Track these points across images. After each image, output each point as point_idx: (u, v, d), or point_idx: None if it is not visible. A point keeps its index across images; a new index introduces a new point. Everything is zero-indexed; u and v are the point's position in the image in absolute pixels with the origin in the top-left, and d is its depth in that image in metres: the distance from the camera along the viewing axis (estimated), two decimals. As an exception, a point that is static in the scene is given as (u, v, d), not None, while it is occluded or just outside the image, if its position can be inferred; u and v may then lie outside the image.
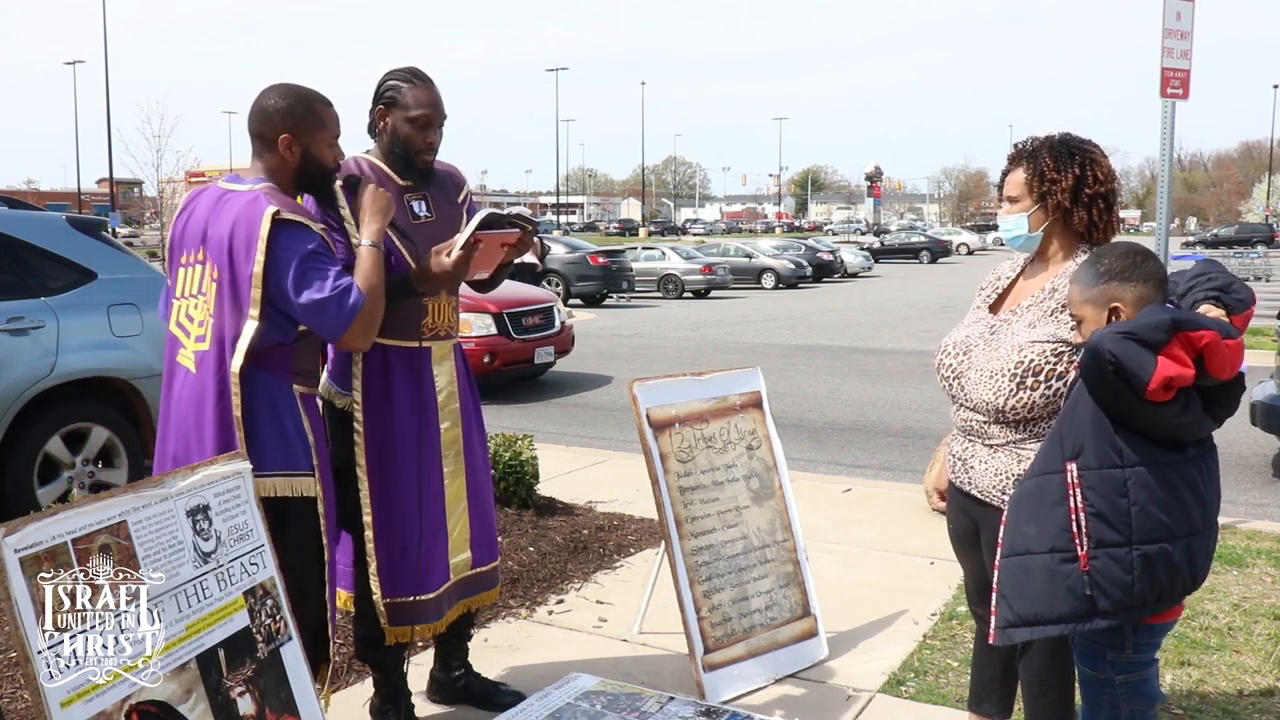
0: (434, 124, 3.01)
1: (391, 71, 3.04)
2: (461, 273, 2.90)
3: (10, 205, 6.14)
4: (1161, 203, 6.01)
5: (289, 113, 2.71)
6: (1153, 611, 2.21)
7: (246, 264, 2.58)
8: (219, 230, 2.64)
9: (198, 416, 2.64)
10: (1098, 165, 2.56)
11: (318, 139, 2.74)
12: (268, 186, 2.69)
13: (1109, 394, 2.12)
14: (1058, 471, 2.19)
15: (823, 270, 33.10)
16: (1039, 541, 2.20)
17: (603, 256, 23.78)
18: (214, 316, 2.64)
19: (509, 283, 12.30)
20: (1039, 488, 2.23)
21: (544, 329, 10.82)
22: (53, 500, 5.11)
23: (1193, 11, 5.79)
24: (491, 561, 3.31)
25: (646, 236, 63.40)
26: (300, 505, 2.69)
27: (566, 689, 3.40)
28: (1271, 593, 4.46)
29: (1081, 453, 2.16)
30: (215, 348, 2.63)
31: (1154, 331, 2.05)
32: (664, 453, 3.66)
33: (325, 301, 2.57)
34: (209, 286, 2.66)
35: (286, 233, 2.59)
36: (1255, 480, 7.09)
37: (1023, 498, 2.28)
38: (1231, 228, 57.28)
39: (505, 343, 10.31)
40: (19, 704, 3.31)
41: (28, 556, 1.88)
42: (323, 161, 2.77)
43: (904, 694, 3.54)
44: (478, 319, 10.13)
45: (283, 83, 2.79)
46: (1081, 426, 2.18)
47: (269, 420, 2.65)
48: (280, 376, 2.69)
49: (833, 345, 15.42)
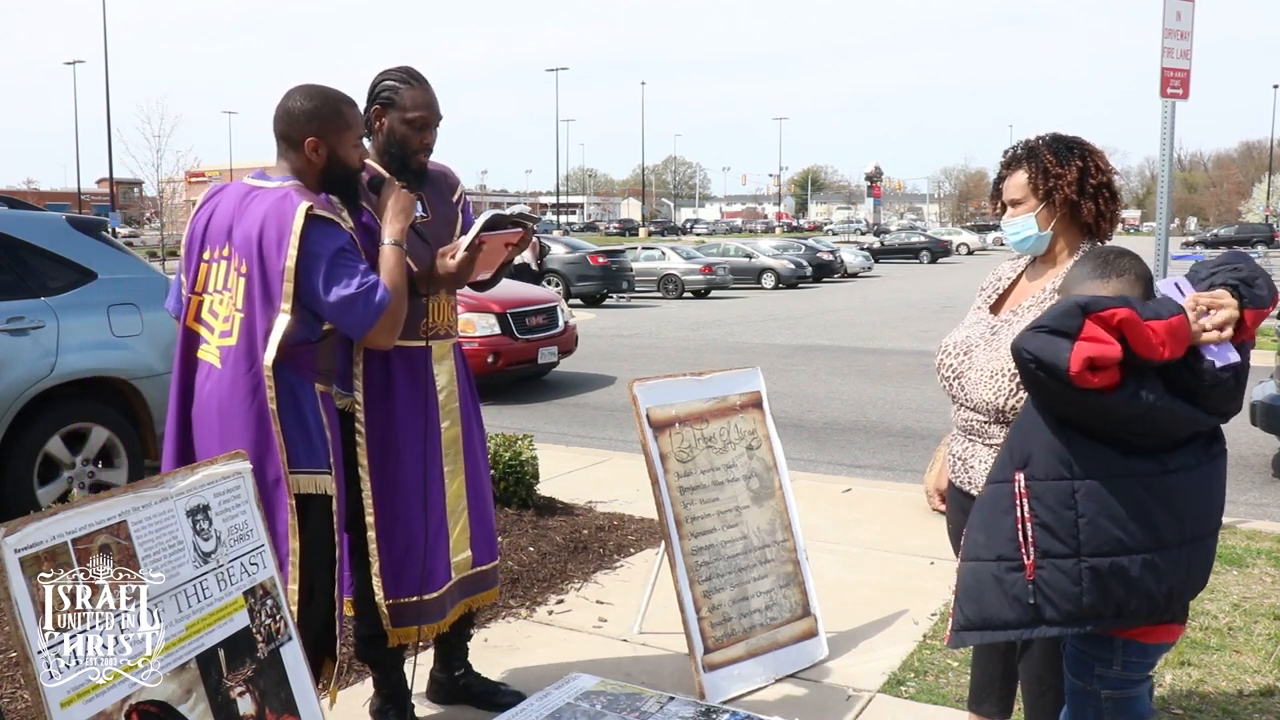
0: (430, 125, 3.03)
1: (386, 71, 3.04)
2: (466, 274, 2.93)
3: (10, 205, 6.14)
4: (1161, 203, 6.01)
5: (315, 115, 2.72)
6: (1124, 625, 2.17)
7: (278, 258, 2.60)
8: (247, 226, 2.65)
9: (230, 411, 2.65)
10: (1096, 156, 2.57)
11: (344, 140, 2.76)
12: (296, 184, 2.71)
13: (1044, 393, 2.09)
14: (1007, 480, 2.17)
15: (823, 270, 33.10)
16: (988, 549, 2.18)
17: (603, 256, 23.78)
18: (243, 311, 2.65)
19: (512, 283, 12.28)
20: (992, 495, 2.21)
21: (547, 329, 10.80)
22: (53, 500, 5.11)
23: (1193, 11, 5.79)
24: (491, 561, 3.32)
25: (646, 236, 63.39)
26: (319, 503, 2.72)
27: (566, 689, 3.40)
28: (1271, 593, 4.46)
29: (1029, 463, 2.13)
30: (244, 343, 2.65)
31: (1063, 319, 2.02)
32: (664, 453, 3.66)
33: (354, 298, 2.60)
34: (235, 282, 2.67)
35: (318, 229, 2.62)
36: (1255, 480, 7.09)
37: (980, 505, 2.27)
38: (1231, 228, 57.31)
39: (509, 343, 10.29)
40: (19, 704, 3.31)
41: (28, 556, 1.88)
42: (348, 162, 2.79)
43: (904, 694, 3.54)
44: (481, 319, 10.10)
45: (307, 84, 2.80)
46: (1029, 436, 2.15)
47: (294, 417, 2.68)
48: (304, 375, 2.72)
49: (833, 345, 15.42)
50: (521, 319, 10.48)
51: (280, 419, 2.65)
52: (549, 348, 10.75)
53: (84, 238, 5.61)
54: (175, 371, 2.78)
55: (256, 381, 2.63)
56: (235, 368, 2.65)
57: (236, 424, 2.64)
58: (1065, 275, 2.37)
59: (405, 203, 2.85)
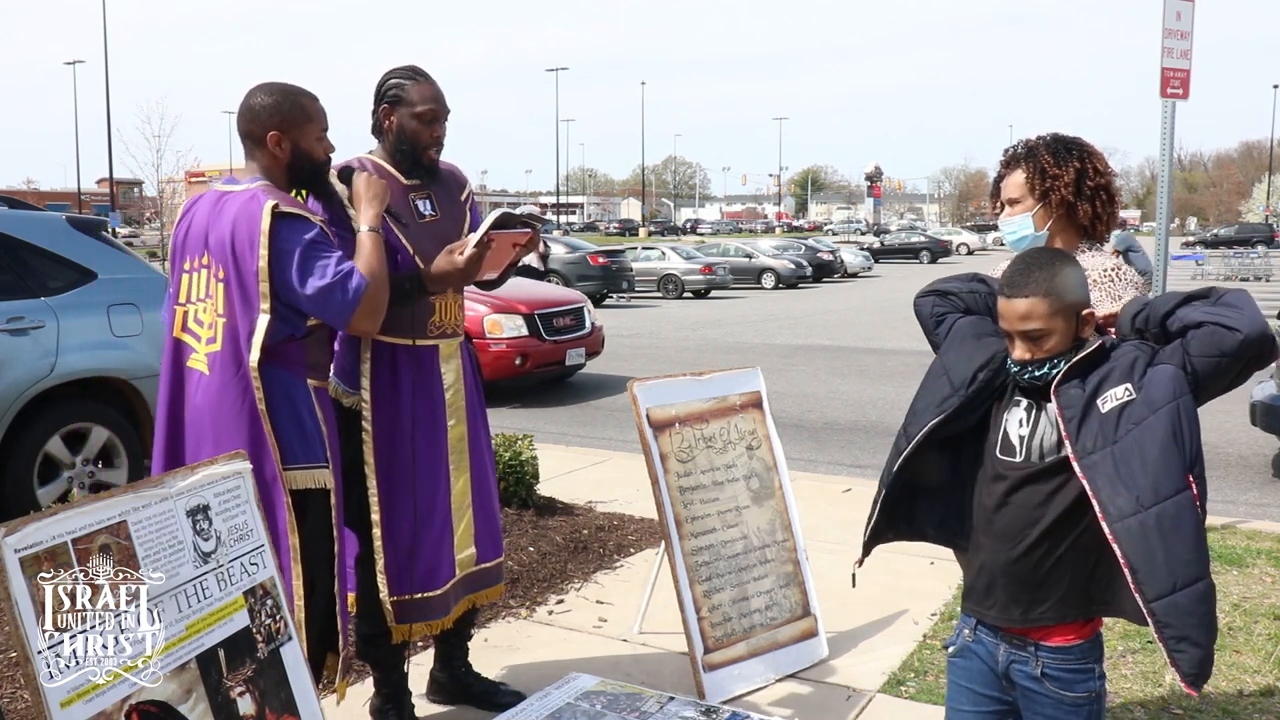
0: (440, 118, 3.04)
1: (391, 71, 3.06)
2: (474, 271, 2.93)
3: (10, 205, 6.14)
4: (1161, 203, 6.01)
5: (275, 109, 2.74)
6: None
7: (252, 260, 2.62)
8: (220, 231, 2.67)
9: (220, 414, 2.66)
10: (1095, 158, 2.57)
11: (306, 133, 2.77)
12: (264, 184, 2.72)
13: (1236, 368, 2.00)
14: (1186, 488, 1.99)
15: (823, 270, 33.10)
16: (1198, 565, 1.97)
17: (603, 256, 23.78)
18: (224, 316, 2.67)
19: (538, 283, 12.20)
20: (1175, 508, 1.98)
21: (575, 330, 10.60)
22: (53, 500, 5.11)
23: (1193, 11, 5.79)
24: (496, 558, 3.34)
25: (646, 236, 63.37)
26: (317, 498, 2.73)
27: (566, 689, 3.39)
28: (1271, 593, 4.46)
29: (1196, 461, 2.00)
30: (229, 346, 2.66)
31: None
32: (664, 453, 3.66)
33: (330, 287, 2.61)
34: (215, 288, 2.69)
35: (286, 225, 2.63)
36: (1255, 480, 7.09)
37: (1166, 528, 1.96)
38: (1231, 228, 57.28)
39: (537, 344, 10.04)
40: (19, 704, 3.32)
41: (28, 556, 1.88)
42: (313, 155, 2.80)
43: (904, 694, 3.54)
44: (509, 320, 9.89)
45: (267, 81, 2.81)
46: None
47: (287, 414, 2.69)
48: (294, 371, 2.73)
49: (833, 345, 15.43)
50: (549, 320, 10.25)
51: (274, 416, 2.66)
52: (576, 349, 10.52)
53: (84, 238, 5.61)
54: (163, 383, 2.79)
55: (245, 384, 2.64)
56: (223, 373, 2.67)
57: (229, 426, 2.65)
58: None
59: (377, 189, 2.86)
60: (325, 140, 2.83)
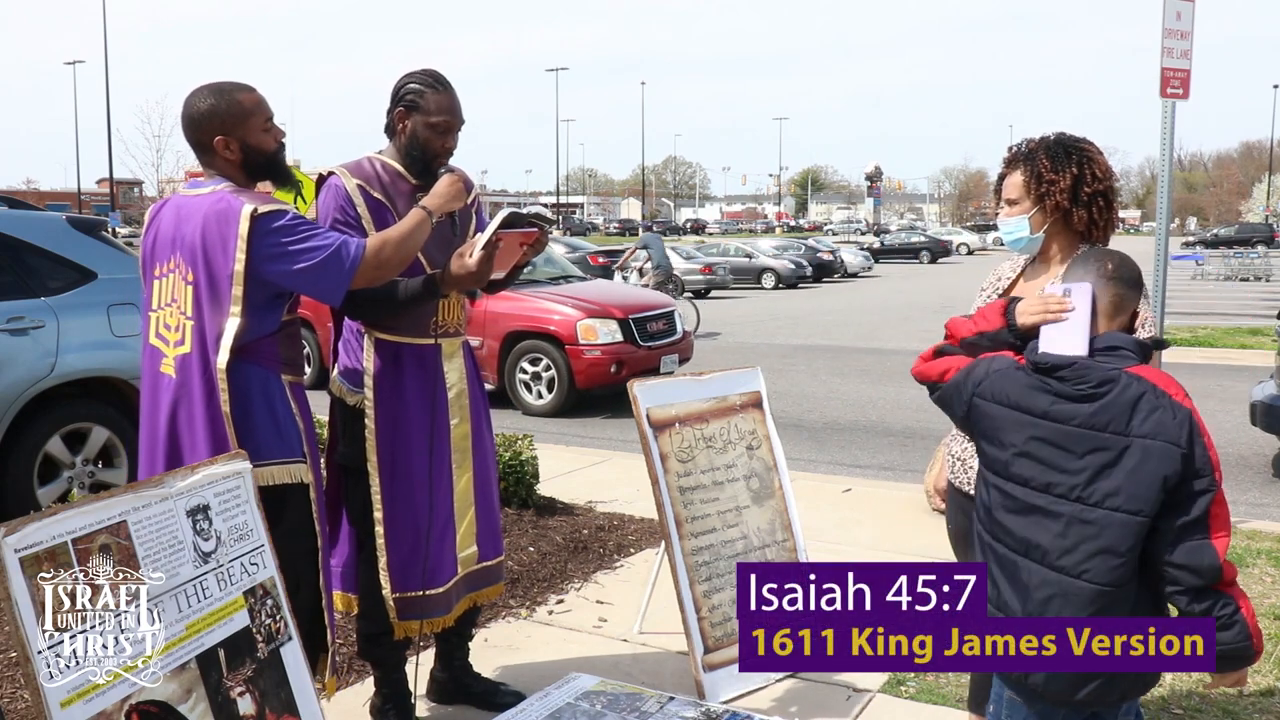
0: (453, 129, 3.05)
1: (411, 74, 3.05)
2: (486, 272, 2.93)
3: (10, 205, 6.13)
4: (1161, 203, 6.01)
5: (213, 113, 2.72)
6: None
7: (225, 262, 2.61)
8: (188, 234, 2.66)
9: (188, 418, 2.66)
10: (1094, 163, 2.55)
11: (250, 128, 2.76)
12: (229, 185, 2.72)
13: None
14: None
15: (823, 270, 33.08)
16: None
17: (603, 257, 23.77)
18: (192, 319, 2.66)
19: (625, 286, 11.94)
20: None
21: (668, 335, 10.04)
22: (53, 500, 5.11)
23: (1193, 11, 5.79)
24: (497, 556, 3.36)
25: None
26: (296, 492, 2.73)
27: (566, 689, 3.40)
28: (1271, 593, 4.46)
29: None
30: (197, 349, 2.66)
31: None
32: (664, 452, 3.66)
33: (323, 264, 2.62)
34: (182, 291, 2.68)
35: (263, 221, 2.62)
36: (1255, 480, 7.09)
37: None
38: (1231, 228, 57.25)
39: (632, 350, 9.50)
40: (19, 704, 3.32)
41: (28, 556, 1.88)
42: (263, 148, 2.79)
43: (904, 694, 3.54)
44: (603, 325, 9.42)
45: (201, 85, 2.79)
46: None
47: (263, 410, 2.69)
48: (269, 367, 2.73)
49: (833, 345, 15.42)
50: (643, 325, 9.73)
51: (249, 414, 2.66)
52: (670, 355, 9.91)
53: (84, 238, 5.61)
54: (146, 389, 2.78)
55: (210, 386, 2.64)
56: (187, 374, 2.66)
57: (195, 429, 2.65)
58: (1064, 275, 2.36)
59: (455, 191, 2.94)
60: (273, 129, 2.81)
